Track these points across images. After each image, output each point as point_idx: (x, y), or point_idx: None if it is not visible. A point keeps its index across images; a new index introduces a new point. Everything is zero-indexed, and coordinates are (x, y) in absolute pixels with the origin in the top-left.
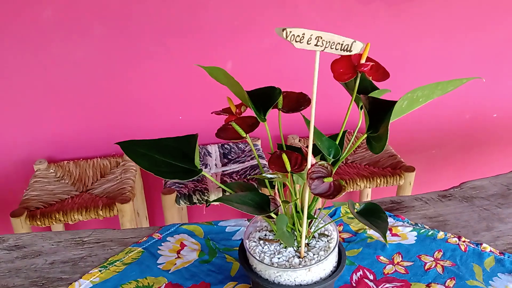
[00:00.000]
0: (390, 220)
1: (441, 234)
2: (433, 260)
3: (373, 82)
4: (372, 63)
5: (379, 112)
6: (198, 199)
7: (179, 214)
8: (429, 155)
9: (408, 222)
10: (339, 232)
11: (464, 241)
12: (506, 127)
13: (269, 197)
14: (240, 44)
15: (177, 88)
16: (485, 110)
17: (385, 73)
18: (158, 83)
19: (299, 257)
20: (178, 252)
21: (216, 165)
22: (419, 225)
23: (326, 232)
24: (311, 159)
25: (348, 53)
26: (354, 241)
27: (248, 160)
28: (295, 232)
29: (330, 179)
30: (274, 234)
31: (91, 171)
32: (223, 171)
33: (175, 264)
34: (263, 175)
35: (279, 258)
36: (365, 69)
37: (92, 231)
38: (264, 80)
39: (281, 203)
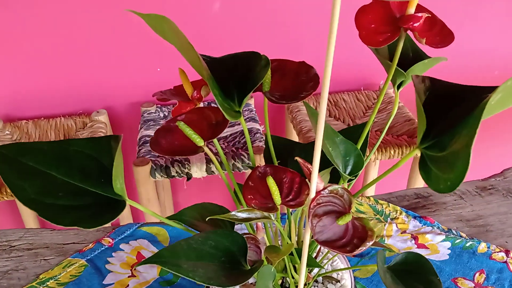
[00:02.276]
0: (416, 223)
1: (482, 247)
2: (474, 287)
3: (418, 44)
4: (426, 14)
5: (443, 108)
6: (177, 172)
7: (159, 187)
8: None
9: (439, 228)
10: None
11: None
12: None
13: (246, 237)
14: None
15: (152, 32)
16: None
17: (445, 32)
18: (129, 28)
19: None
20: (133, 267)
21: None
22: (454, 232)
23: (334, 275)
24: (316, 182)
25: None
26: (368, 255)
27: (238, 124)
28: (287, 279)
29: (348, 218)
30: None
31: (53, 132)
32: None
33: (128, 286)
34: (233, 214)
35: None
36: (415, 24)
37: (24, 231)
38: (260, 30)
39: (265, 254)
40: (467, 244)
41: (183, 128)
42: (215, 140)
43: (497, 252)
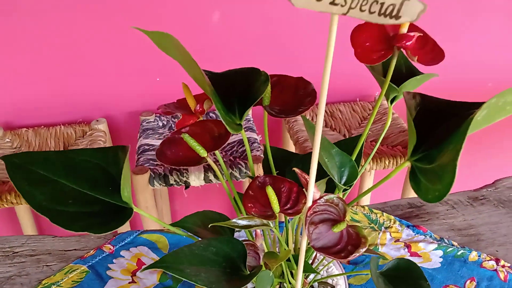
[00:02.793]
0: (409, 232)
1: (473, 255)
2: None
3: (411, 61)
4: (418, 34)
5: (433, 122)
6: (175, 180)
7: (156, 195)
8: None
9: (431, 237)
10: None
11: (503, 266)
12: None
13: (246, 243)
14: None
15: (153, 44)
16: (510, 77)
17: (436, 50)
18: (130, 39)
19: None
20: (134, 274)
21: None
22: (446, 240)
23: (329, 281)
24: (313, 192)
25: (392, 21)
26: (362, 263)
27: (237, 134)
28: (284, 284)
29: (343, 226)
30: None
31: (53, 141)
32: None
33: None
34: (234, 221)
35: None
36: (407, 43)
37: (26, 238)
38: (259, 38)
39: (264, 260)
40: (459, 253)
41: (188, 140)
42: (218, 154)
43: (488, 260)
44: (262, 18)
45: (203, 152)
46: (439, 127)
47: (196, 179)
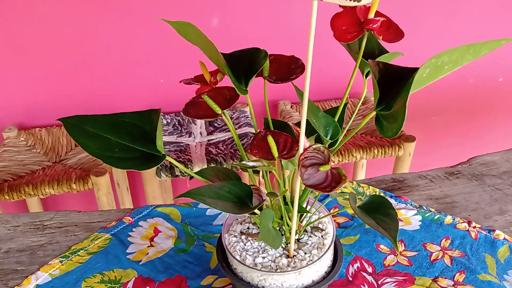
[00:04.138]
0: (392, 201)
1: (448, 219)
2: (440, 250)
3: (381, 43)
4: (382, 19)
5: (392, 83)
6: (180, 172)
7: (162, 186)
8: (429, 122)
9: (411, 204)
10: (333, 216)
11: (474, 227)
12: None
13: (252, 187)
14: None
15: (158, 47)
16: (490, 73)
17: (398, 31)
18: (136, 42)
19: (287, 257)
20: (151, 240)
21: (201, 133)
22: (424, 207)
23: (320, 225)
24: (304, 142)
25: (354, 3)
26: (351, 227)
27: (237, 128)
28: (283, 226)
29: (327, 167)
30: (259, 228)
31: (65, 139)
32: (208, 141)
33: (147, 253)
34: (244, 163)
35: (263, 258)
36: (374, 26)
37: (54, 213)
38: (255, 40)
39: (266, 196)
40: (435, 217)
41: (207, 100)
42: (226, 113)
43: (461, 223)
44: (258, 19)
45: (218, 109)
46: (396, 86)
47: (199, 169)
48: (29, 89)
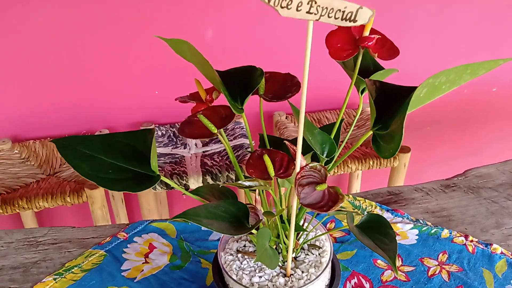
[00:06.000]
0: (388, 215)
1: (445, 233)
2: (438, 265)
3: (377, 60)
4: (377, 36)
5: (389, 102)
6: (176, 184)
7: (157, 198)
8: (424, 132)
9: (408, 218)
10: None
11: (471, 241)
12: (507, 102)
13: (248, 206)
14: (223, 11)
15: (152, 59)
16: (484, 83)
17: (393, 48)
18: (131, 53)
19: (284, 276)
20: (146, 256)
21: (196, 144)
22: (421, 221)
23: (317, 243)
24: (300, 160)
25: (351, 24)
26: (348, 241)
27: (231, 140)
28: (280, 245)
29: (324, 186)
30: (255, 245)
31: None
32: (204, 152)
33: (142, 270)
34: (240, 182)
35: (260, 277)
36: (369, 43)
37: (48, 229)
38: (250, 53)
39: (263, 216)
40: (432, 231)
41: (202, 119)
42: (222, 132)
43: (458, 236)
44: (253, 31)
45: (214, 129)
46: (393, 105)
47: (195, 182)
48: (23, 101)
